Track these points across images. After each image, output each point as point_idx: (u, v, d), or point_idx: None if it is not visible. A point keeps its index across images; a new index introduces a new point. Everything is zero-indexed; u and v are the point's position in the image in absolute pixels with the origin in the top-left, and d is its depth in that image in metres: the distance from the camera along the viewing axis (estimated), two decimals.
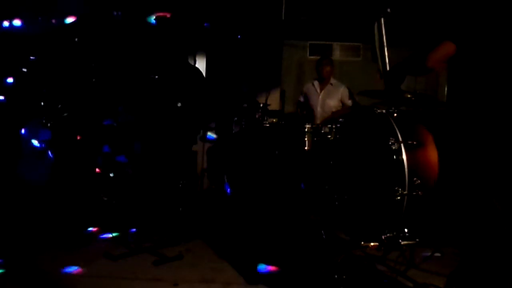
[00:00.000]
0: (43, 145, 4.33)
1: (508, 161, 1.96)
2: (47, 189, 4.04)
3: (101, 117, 4.30)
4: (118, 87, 4.38)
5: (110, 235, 3.55)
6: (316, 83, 4.92)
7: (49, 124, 4.07)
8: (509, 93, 1.99)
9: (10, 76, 4.20)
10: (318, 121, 4.69)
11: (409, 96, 2.71)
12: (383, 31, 2.80)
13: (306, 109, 5.02)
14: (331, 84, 4.84)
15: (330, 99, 4.81)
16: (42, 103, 4.13)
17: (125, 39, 4.63)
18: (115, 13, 4.50)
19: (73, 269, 2.85)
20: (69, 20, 4.37)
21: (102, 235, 3.63)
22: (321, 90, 4.87)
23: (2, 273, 2.79)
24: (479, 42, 2.04)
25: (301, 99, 5.10)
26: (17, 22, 4.06)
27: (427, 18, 5.06)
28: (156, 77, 4.06)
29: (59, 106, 4.05)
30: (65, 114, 3.96)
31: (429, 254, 3.02)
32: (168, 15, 4.63)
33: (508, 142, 1.97)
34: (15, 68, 4.22)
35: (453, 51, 2.10)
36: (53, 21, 4.24)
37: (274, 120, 4.26)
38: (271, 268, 2.98)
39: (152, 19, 4.73)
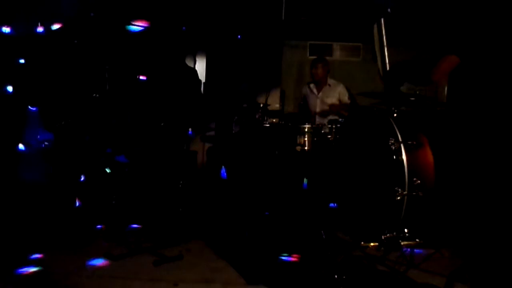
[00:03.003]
0: (42, 145, 4.32)
1: (507, 161, 1.96)
2: (47, 189, 4.04)
3: (103, 120, 4.30)
4: (114, 88, 4.37)
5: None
6: (312, 85, 4.88)
7: (51, 128, 4.08)
8: (508, 95, 2.01)
9: (9, 77, 4.19)
10: (317, 123, 4.67)
11: (410, 98, 2.72)
12: (383, 31, 2.81)
13: (305, 111, 5.00)
14: (329, 85, 4.78)
15: (328, 99, 4.75)
16: (42, 108, 4.14)
17: (119, 42, 4.63)
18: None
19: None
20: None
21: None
22: (318, 92, 4.82)
23: None
24: (481, 53, 2.08)
25: (302, 102, 5.08)
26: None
27: (426, 19, 5.06)
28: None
29: (60, 110, 4.07)
30: (63, 122, 3.97)
31: (428, 254, 3.02)
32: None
33: (508, 142, 1.97)
34: (13, 70, 4.21)
35: (456, 63, 2.15)
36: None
37: (274, 120, 4.26)
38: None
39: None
